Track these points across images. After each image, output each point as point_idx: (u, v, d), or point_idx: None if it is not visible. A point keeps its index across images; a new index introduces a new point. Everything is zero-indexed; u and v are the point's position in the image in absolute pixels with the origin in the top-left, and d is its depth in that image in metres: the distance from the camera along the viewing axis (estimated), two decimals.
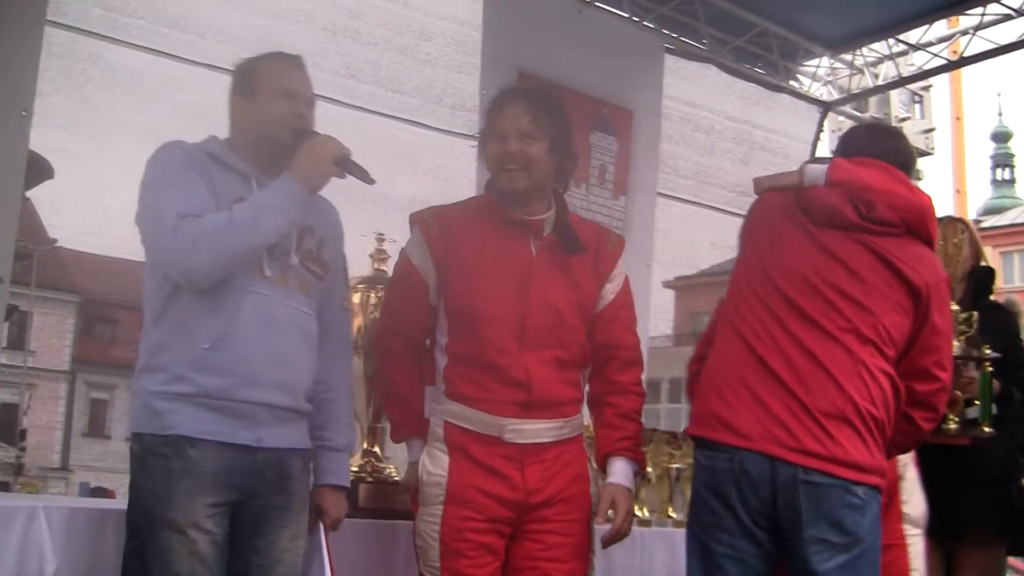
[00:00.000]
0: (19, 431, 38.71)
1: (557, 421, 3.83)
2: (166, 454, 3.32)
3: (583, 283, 3.92)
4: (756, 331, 3.62)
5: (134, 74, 7.27)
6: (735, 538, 3.54)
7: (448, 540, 3.70)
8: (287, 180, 3.46)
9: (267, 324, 3.46)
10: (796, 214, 3.74)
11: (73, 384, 48.89)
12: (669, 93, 9.05)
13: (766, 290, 3.67)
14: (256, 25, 7.39)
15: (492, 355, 3.74)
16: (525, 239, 3.87)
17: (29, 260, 33.46)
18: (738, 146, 10.17)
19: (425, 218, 3.93)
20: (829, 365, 3.54)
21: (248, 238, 3.37)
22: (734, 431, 3.54)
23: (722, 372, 3.67)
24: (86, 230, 14.44)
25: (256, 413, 3.42)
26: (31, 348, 43.61)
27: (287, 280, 3.55)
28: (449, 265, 3.82)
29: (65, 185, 7.58)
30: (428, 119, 8.42)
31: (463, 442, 3.76)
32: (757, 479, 3.49)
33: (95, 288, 46.94)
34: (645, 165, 8.37)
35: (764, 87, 10.07)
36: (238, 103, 3.66)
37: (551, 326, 3.81)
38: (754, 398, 3.55)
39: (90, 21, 6.87)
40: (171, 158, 3.50)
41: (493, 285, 3.78)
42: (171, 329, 3.42)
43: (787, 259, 3.69)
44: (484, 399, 3.75)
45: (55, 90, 6.78)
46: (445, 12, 8.34)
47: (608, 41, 8.23)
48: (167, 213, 3.33)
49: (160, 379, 3.38)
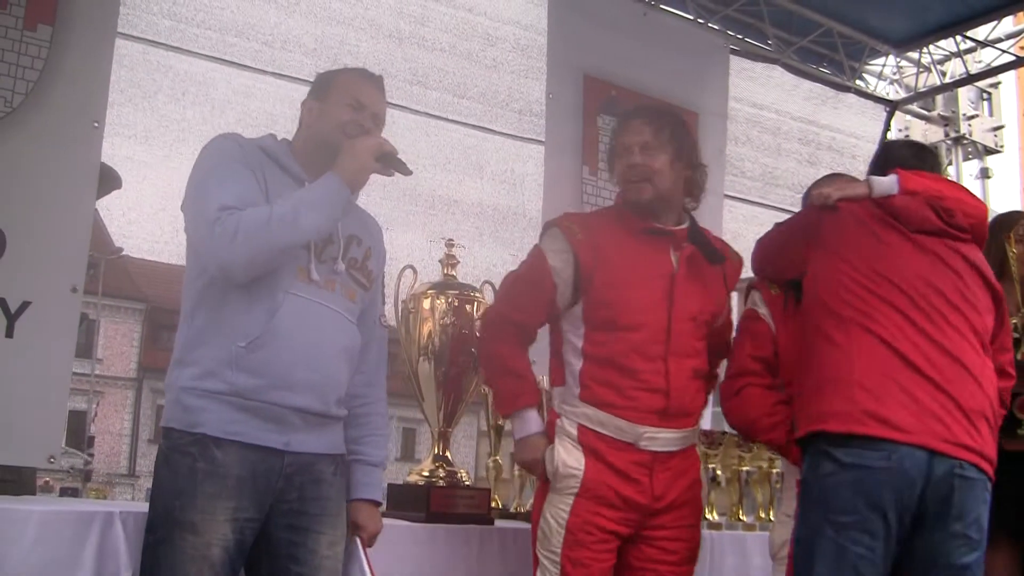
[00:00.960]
0: (87, 438, 39.18)
1: (686, 431, 3.95)
2: (192, 453, 3.30)
3: (717, 295, 4.08)
4: (891, 331, 3.63)
5: (203, 84, 7.33)
6: (876, 540, 3.51)
7: (575, 529, 3.78)
8: (328, 177, 3.46)
9: (306, 327, 3.43)
10: (890, 222, 3.80)
11: (140, 391, 49.36)
12: (735, 94, 9.00)
13: (890, 292, 3.68)
14: (322, 34, 7.44)
15: (637, 361, 3.83)
16: (665, 250, 3.97)
17: (96, 269, 33.89)
18: (804, 147, 10.11)
19: (567, 224, 4.01)
20: (967, 363, 3.61)
21: (287, 235, 3.34)
22: (891, 426, 3.51)
23: (866, 371, 3.62)
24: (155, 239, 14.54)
25: (286, 416, 3.39)
26: (98, 356, 44.15)
27: (334, 285, 3.54)
28: (595, 271, 3.89)
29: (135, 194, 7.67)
30: (495, 124, 8.43)
31: (597, 446, 3.83)
32: (914, 476, 3.48)
33: (161, 296, 47.35)
34: (712, 167, 8.23)
35: (830, 87, 10.00)
36: (309, 104, 3.70)
37: (690, 333, 3.93)
38: (906, 394, 3.54)
39: (159, 32, 6.94)
40: (225, 149, 3.51)
41: (640, 293, 3.88)
42: (207, 324, 3.40)
43: (901, 263, 3.73)
44: (623, 405, 3.83)
45: (126, 101, 6.86)
46: (510, 17, 8.34)
47: (673, 43, 8.19)
48: (211, 204, 3.32)
49: (192, 374, 3.37)
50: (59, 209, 5.30)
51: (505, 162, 8.48)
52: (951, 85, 10.50)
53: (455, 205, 7.64)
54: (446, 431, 4.83)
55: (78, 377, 36.71)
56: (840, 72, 9.83)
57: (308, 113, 3.70)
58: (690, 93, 8.18)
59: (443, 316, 4.71)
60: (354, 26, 7.61)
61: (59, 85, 5.40)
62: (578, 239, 3.93)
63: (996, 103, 11.57)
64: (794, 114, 10.09)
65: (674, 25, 8.51)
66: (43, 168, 5.29)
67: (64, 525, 3.43)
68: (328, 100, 3.66)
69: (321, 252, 3.52)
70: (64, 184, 5.34)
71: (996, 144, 11.43)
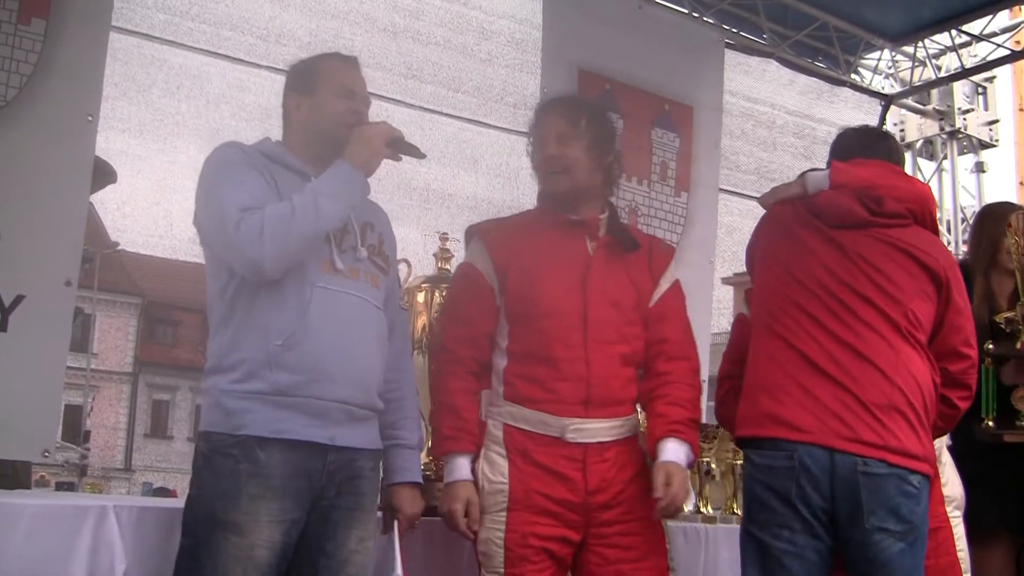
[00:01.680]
0: (83, 432, 39.19)
1: (617, 420, 3.86)
2: (234, 455, 3.30)
3: (639, 280, 3.98)
4: (795, 332, 3.69)
5: (197, 77, 7.34)
6: (795, 534, 3.57)
7: (513, 546, 3.71)
8: (341, 164, 3.46)
9: (339, 319, 3.45)
10: (810, 220, 3.85)
11: (135, 385, 49.43)
12: (730, 88, 8.99)
13: (798, 293, 3.74)
14: (316, 27, 7.45)
15: (555, 348, 3.77)
16: (581, 238, 3.94)
17: (92, 263, 33.91)
18: (800, 141, 10.11)
19: (484, 227, 4.03)
20: (873, 357, 3.62)
21: (311, 224, 3.35)
22: (790, 426, 3.58)
23: (767, 373, 3.71)
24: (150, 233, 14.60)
25: (330, 411, 3.40)
26: (94, 350, 44.16)
27: (358, 273, 3.56)
28: (509, 267, 3.87)
29: (130, 188, 7.70)
30: (489, 118, 8.44)
31: (524, 444, 3.78)
32: (817, 473, 3.52)
33: (157, 290, 47.48)
34: (707, 161, 8.31)
35: (825, 81, 9.99)
36: (296, 100, 3.68)
37: (612, 320, 3.86)
38: (806, 394, 3.59)
39: (153, 26, 6.93)
40: (229, 156, 3.52)
41: (553, 281, 3.84)
42: (241, 328, 3.41)
43: (812, 262, 3.77)
44: (545, 399, 3.77)
45: (120, 95, 6.87)
46: (505, 11, 8.34)
47: (668, 37, 8.18)
48: (230, 207, 3.33)
49: (232, 378, 3.37)
50: (53, 203, 5.31)
51: (500, 156, 8.49)
52: (946, 79, 10.51)
53: (450, 199, 7.66)
54: None
55: (73, 371, 36.72)
56: (835, 66, 9.83)
57: (297, 109, 3.68)
58: (685, 87, 8.18)
59: (437, 310, 4.71)
60: (348, 20, 7.61)
61: (53, 79, 5.40)
62: (491, 238, 3.93)
63: (991, 97, 11.54)
64: (789, 108, 10.09)
65: (669, 19, 8.50)
66: (37, 162, 5.29)
67: (58, 519, 3.42)
68: (317, 93, 3.65)
69: (340, 241, 3.53)
70: (58, 178, 5.34)
71: (991, 138, 11.43)
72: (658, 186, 7.86)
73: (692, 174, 8.13)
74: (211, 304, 3.55)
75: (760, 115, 9.92)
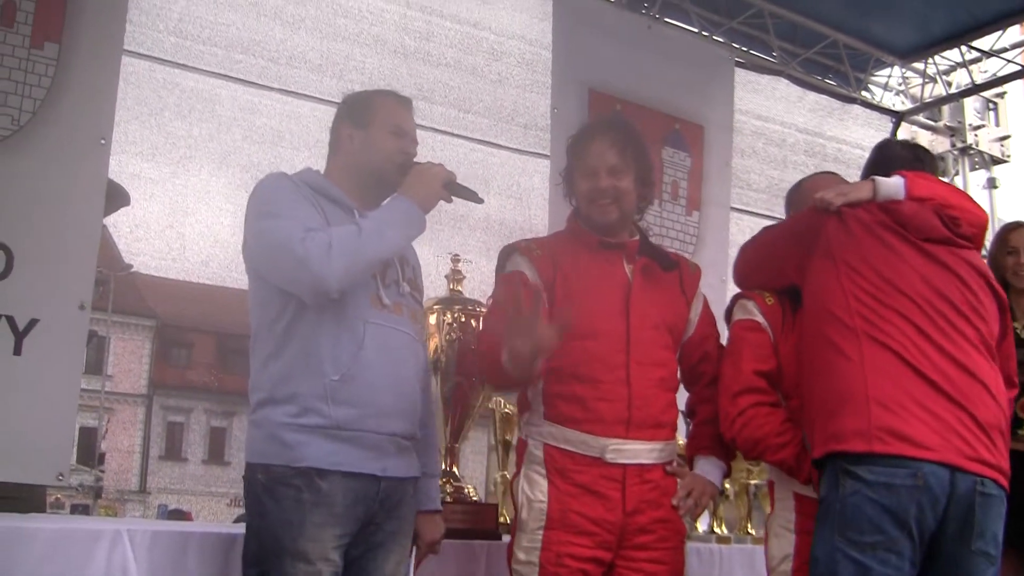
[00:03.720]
0: (98, 454, 39.25)
1: (657, 443, 3.87)
2: (297, 485, 3.36)
3: (674, 303, 4.03)
4: (903, 343, 3.53)
5: (209, 100, 7.34)
6: (903, 560, 3.40)
7: (548, 564, 3.71)
8: (402, 199, 3.52)
9: (389, 354, 3.52)
10: (896, 228, 3.72)
11: (150, 407, 49.43)
12: (740, 107, 9.01)
13: (898, 301, 3.59)
14: (327, 50, 7.45)
15: (597, 369, 3.78)
16: (619, 262, 3.97)
17: (106, 285, 33.99)
18: (811, 158, 10.09)
19: (524, 244, 4.02)
20: (979, 374, 3.53)
21: (376, 247, 3.42)
22: (914, 443, 3.40)
23: (880, 386, 3.50)
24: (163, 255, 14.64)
25: (382, 444, 3.49)
26: (108, 372, 44.25)
27: (401, 308, 3.62)
28: (555, 285, 3.87)
29: (143, 211, 7.68)
30: (500, 139, 8.43)
31: (563, 464, 3.78)
32: (938, 493, 3.39)
33: (170, 312, 47.50)
34: (718, 180, 8.33)
35: (835, 98, 10.00)
36: (349, 132, 3.72)
37: (652, 342, 3.89)
38: (924, 410, 3.44)
39: (165, 49, 6.95)
40: (281, 185, 3.56)
41: (597, 302, 3.85)
42: (296, 361, 3.45)
43: (908, 271, 3.65)
44: (586, 419, 3.78)
45: (132, 118, 6.87)
46: (515, 31, 8.33)
47: (678, 56, 8.21)
48: (293, 228, 3.36)
49: (289, 411, 3.42)
50: (67, 226, 5.34)
51: (511, 176, 8.47)
52: (957, 95, 10.51)
53: (461, 220, 7.64)
54: (453, 447, 4.83)
55: (88, 394, 36.80)
56: (846, 83, 9.84)
57: (349, 141, 3.72)
58: (695, 106, 8.19)
59: (449, 331, 4.71)
60: (359, 42, 7.62)
61: (66, 103, 5.45)
62: (536, 255, 3.94)
63: (1003, 113, 11.53)
64: (800, 126, 10.08)
65: (678, 38, 8.53)
66: (51, 185, 5.32)
67: (71, 543, 3.44)
68: (371, 128, 3.69)
69: (384, 276, 3.60)
70: (72, 201, 5.38)
71: (1003, 154, 11.41)
72: (669, 205, 7.87)
73: (703, 193, 8.15)
74: (257, 335, 3.58)
75: (771, 133, 9.91)
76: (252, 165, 7.07)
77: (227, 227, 7.15)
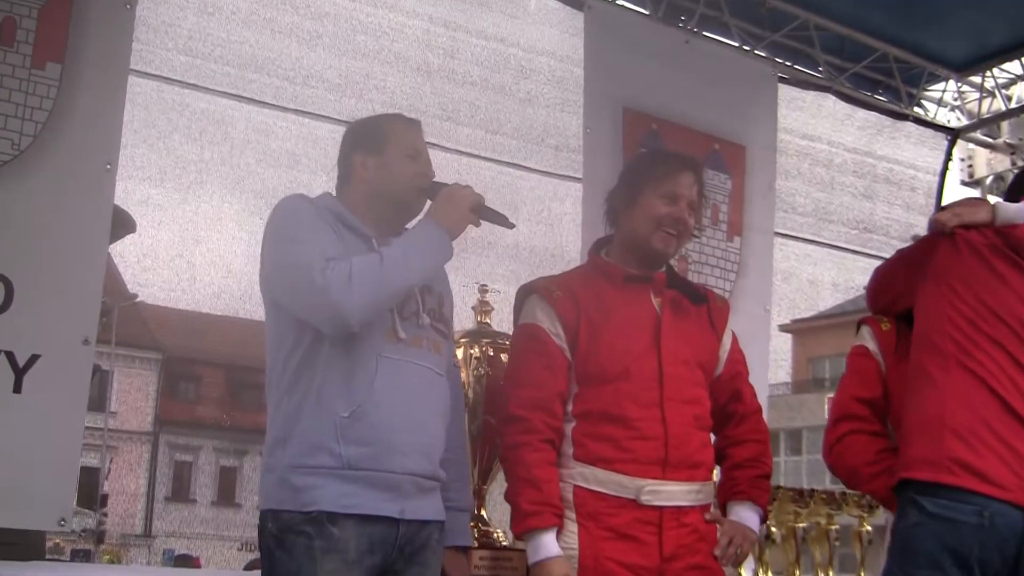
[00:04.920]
0: (100, 496, 39.25)
1: (694, 484, 3.89)
2: (307, 532, 3.36)
3: (704, 339, 4.08)
4: (992, 372, 3.55)
5: (221, 122, 7.37)
6: None
7: None
8: (430, 224, 3.55)
9: (404, 389, 3.51)
10: (1008, 253, 3.72)
11: (156, 446, 49.54)
12: (784, 125, 8.98)
13: (994, 327, 3.61)
14: (346, 68, 7.46)
15: (630, 408, 3.81)
16: (646, 295, 4.01)
17: (109, 316, 34.04)
18: (860, 180, 10.06)
19: (544, 285, 4.05)
20: None
21: (400, 276, 3.44)
22: (984, 479, 3.42)
23: (957, 413, 3.53)
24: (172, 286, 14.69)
25: (400, 483, 3.47)
26: (112, 409, 44.30)
27: (420, 341, 3.63)
28: (580, 328, 3.90)
29: (151, 240, 7.72)
30: (529, 161, 8.42)
31: (595, 507, 3.79)
32: (1008, 535, 3.38)
33: (178, 345, 47.63)
34: (761, 203, 8.30)
35: (886, 115, 9.95)
36: (362, 159, 3.75)
37: (685, 379, 3.93)
38: (1003, 444, 3.45)
39: (175, 69, 6.96)
40: (302, 208, 3.58)
41: (627, 339, 3.90)
42: (306, 398, 3.46)
43: (1010, 297, 3.66)
44: (619, 459, 3.80)
45: (140, 141, 6.90)
46: (544, 48, 8.31)
47: (717, 72, 8.19)
48: (313, 256, 3.38)
49: (297, 451, 3.43)
50: (70, 257, 5.35)
51: (541, 201, 8.47)
52: (1017, 111, 10.43)
53: (489, 248, 7.65)
54: (481, 488, 4.82)
55: (90, 431, 36.83)
56: (897, 99, 9.80)
57: (363, 168, 3.74)
58: (736, 125, 8.18)
59: (477, 366, 4.71)
60: (380, 59, 7.62)
61: (69, 126, 5.46)
62: (557, 297, 3.97)
63: None
64: (848, 145, 10.05)
65: (718, 53, 8.51)
66: (53, 213, 5.34)
67: None
68: (386, 153, 3.72)
69: (402, 309, 3.60)
70: (75, 230, 5.38)
71: None
72: (709, 231, 7.84)
73: (745, 217, 8.12)
74: (272, 373, 3.60)
75: (817, 153, 9.88)
76: (266, 190, 7.08)
77: (240, 256, 7.19)
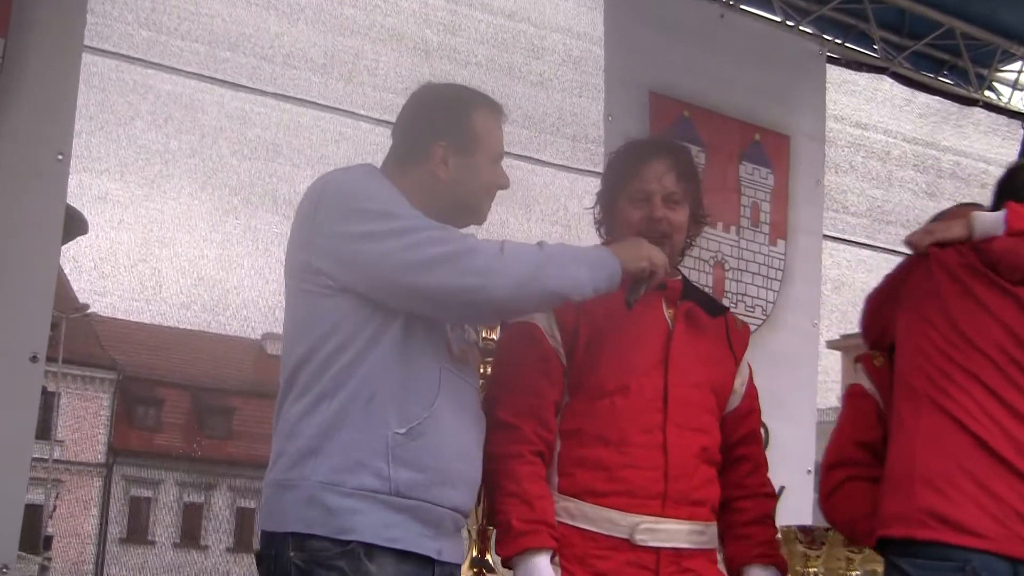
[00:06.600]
0: (43, 538, 39.19)
1: (697, 524, 3.84)
2: (340, 567, 3.27)
3: (721, 360, 4.05)
4: (968, 409, 3.55)
5: (189, 107, 7.38)
6: None
7: None
8: (609, 253, 3.55)
9: (461, 409, 3.50)
10: (983, 271, 3.73)
11: (109, 480, 49.44)
12: (834, 112, 9.02)
13: (970, 358, 3.62)
14: (332, 46, 7.46)
15: (628, 431, 3.76)
16: (658, 305, 3.96)
17: (56, 330, 34.02)
18: (921, 175, 10.08)
19: None
20: None
21: (556, 275, 3.41)
22: (962, 529, 3.44)
23: (928, 459, 3.57)
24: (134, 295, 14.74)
25: (442, 519, 3.44)
26: (58, 437, 44.20)
27: (467, 357, 3.62)
28: (579, 332, 3.87)
29: (109, 243, 7.76)
30: (543, 153, 8.45)
31: (583, 549, 3.73)
32: None
33: (136, 362, 47.60)
34: (807, 202, 8.33)
35: (952, 100, 9.98)
36: (445, 155, 3.63)
37: (693, 403, 3.88)
38: (981, 489, 3.47)
39: (136, 46, 6.94)
40: (380, 182, 3.52)
41: (632, 352, 3.86)
42: (352, 404, 3.35)
43: (988, 322, 3.66)
44: (611, 492, 3.74)
45: (97, 128, 6.91)
46: (559, 24, 8.33)
47: (757, 52, 8.22)
48: (431, 225, 3.35)
49: (335, 466, 3.32)
50: (16, 262, 5.36)
51: (556, 198, 8.49)
52: None
53: None
54: (485, 529, 4.83)
55: (34, 463, 36.82)
56: (965, 82, 9.83)
57: (443, 164, 3.61)
58: (779, 112, 8.21)
59: (483, 388, 4.73)
60: (371, 36, 7.62)
61: (14, 110, 5.47)
62: None
63: None
64: (907, 135, 10.08)
65: (757, 29, 8.55)
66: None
67: None
68: (476, 155, 3.65)
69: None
70: (23, 232, 5.40)
71: None
72: (749, 233, 7.88)
73: (790, 218, 8.15)
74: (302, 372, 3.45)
75: (872, 144, 9.90)
76: (242, 185, 7.07)
77: (211, 261, 7.19)
